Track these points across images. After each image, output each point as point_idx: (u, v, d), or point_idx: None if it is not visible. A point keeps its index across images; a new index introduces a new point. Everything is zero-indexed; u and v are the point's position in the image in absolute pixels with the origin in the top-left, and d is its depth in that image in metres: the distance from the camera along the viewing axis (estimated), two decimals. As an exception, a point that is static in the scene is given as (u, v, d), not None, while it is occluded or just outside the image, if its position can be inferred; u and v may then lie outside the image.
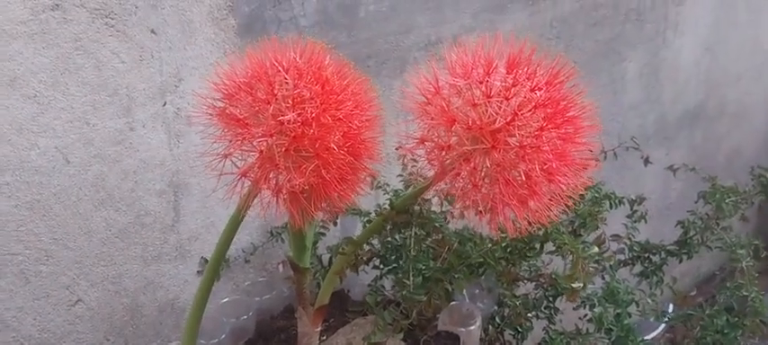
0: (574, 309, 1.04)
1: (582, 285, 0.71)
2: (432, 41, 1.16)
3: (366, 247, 0.87)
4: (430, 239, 0.77)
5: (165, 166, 0.93)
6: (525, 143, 0.58)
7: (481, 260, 0.73)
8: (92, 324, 0.93)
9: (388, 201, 0.87)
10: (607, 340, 0.96)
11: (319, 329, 0.88)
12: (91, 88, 0.84)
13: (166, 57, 0.89)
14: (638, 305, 1.00)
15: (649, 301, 1.00)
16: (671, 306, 1.44)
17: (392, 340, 0.84)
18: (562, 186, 0.62)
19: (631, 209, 1.10)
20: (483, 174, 0.59)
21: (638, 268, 1.09)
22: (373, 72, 1.09)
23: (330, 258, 1.02)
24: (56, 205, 0.85)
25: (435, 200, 0.86)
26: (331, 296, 0.87)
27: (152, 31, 0.87)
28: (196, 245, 1.00)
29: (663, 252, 1.05)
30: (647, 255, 1.08)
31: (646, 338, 0.95)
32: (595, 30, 1.42)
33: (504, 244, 0.75)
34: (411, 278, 0.72)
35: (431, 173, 0.65)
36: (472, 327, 0.87)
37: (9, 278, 0.84)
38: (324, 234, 0.99)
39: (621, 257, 1.12)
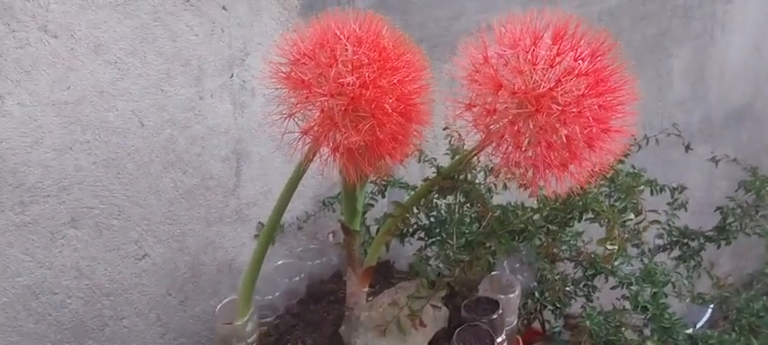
0: (612, 289, 1.08)
1: (616, 248, 0.75)
2: (481, 27, 1.21)
3: (412, 220, 0.92)
4: (473, 207, 0.82)
5: (230, 134, 1.00)
6: (567, 108, 0.62)
7: (522, 226, 0.78)
8: (156, 278, 1.00)
9: (434, 174, 0.92)
10: (643, 319, 1.00)
11: (366, 289, 0.94)
12: (166, 57, 0.91)
13: (235, 32, 0.96)
14: (674, 287, 1.03)
15: (685, 282, 1.03)
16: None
17: (433, 302, 0.89)
18: (601, 152, 0.66)
19: (672, 197, 1.13)
20: (526, 137, 0.64)
21: (675, 252, 1.11)
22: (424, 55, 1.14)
23: (377, 228, 1.08)
24: (129, 164, 0.93)
25: (479, 176, 0.91)
26: (377, 265, 0.92)
27: (223, 8, 0.94)
28: (254, 210, 1.07)
29: (701, 238, 1.07)
30: (685, 241, 1.10)
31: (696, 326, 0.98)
32: (643, 24, 1.45)
33: (544, 213, 0.79)
34: (455, 240, 0.77)
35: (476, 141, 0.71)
36: (511, 295, 0.91)
37: (85, 230, 0.92)
38: (372, 205, 1.05)
39: (660, 242, 1.15)
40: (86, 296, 0.95)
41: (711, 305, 1.14)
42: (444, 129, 0.98)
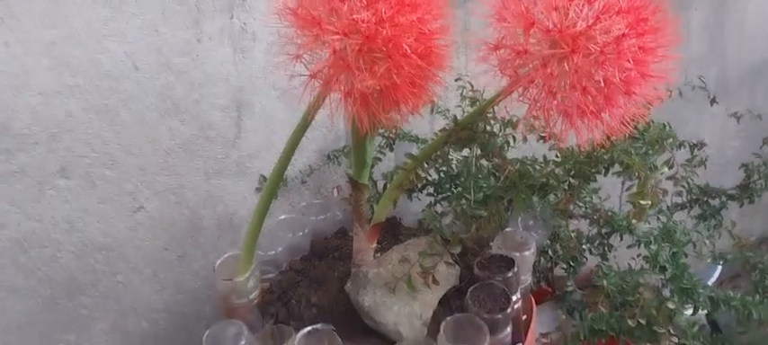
0: (628, 248, 1.03)
1: (649, 203, 0.70)
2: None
3: (421, 174, 0.87)
4: (490, 160, 0.77)
5: (229, 82, 0.94)
6: (605, 49, 0.56)
7: (544, 180, 0.73)
8: (152, 233, 0.95)
9: (447, 125, 0.87)
10: (662, 279, 0.95)
11: (374, 246, 0.89)
12: (161, -5, 0.85)
13: (234, -32, 0.89)
14: (694, 246, 0.99)
15: (706, 242, 0.99)
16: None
17: (445, 260, 0.84)
18: (638, 99, 0.61)
19: (691, 154, 1.08)
20: (559, 81, 0.58)
21: (696, 211, 1.07)
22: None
23: (384, 184, 1.03)
24: (123, 111, 0.87)
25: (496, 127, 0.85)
26: (384, 222, 0.88)
27: (222, -58, 0.87)
28: (256, 163, 1.01)
29: (723, 196, 1.03)
30: (705, 198, 1.06)
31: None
32: (662, -27, 1.38)
33: (567, 166, 0.74)
34: (472, 194, 0.72)
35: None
36: (526, 252, 0.87)
37: (76, 180, 0.86)
38: (380, 159, 1.00)
39: (679, 199, 1.10)
40: (78, 251, 0.90)
41: (720, 264, 1.10)
42: (456, 80, 0.92)
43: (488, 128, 0.74)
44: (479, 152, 0.76)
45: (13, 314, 0.86)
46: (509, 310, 0.77)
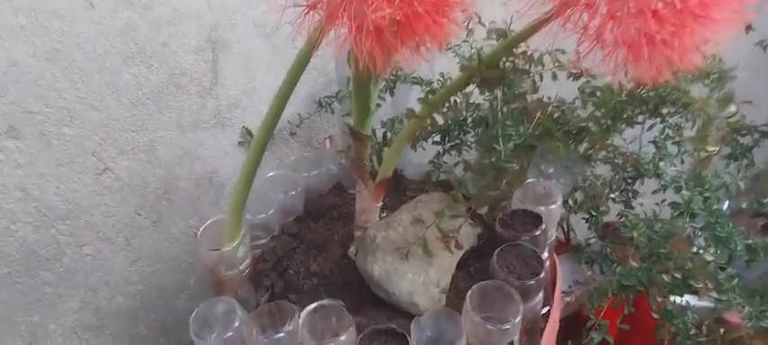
0: (653, 193, 0.94)
1: (717, 149, 0.60)
2: None
3: (439, 121, 0.76)
4: (517, 103, 0.65)
5: (202, 19, 0.80)
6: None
7: (583, 124, 0.62)
8: (121, 196, 0.83)
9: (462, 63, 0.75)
10: (693, 227, 0.86)
11: (380, 205, 0.79)
12: None
13: None
14: (728, 190, 0.90)
15: (740, 185, 0.90)
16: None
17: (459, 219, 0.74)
18: (711, 26, 0.50)
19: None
20: (625, 3, 0.47)
21: (724, 150, 0.97)
22: None
23: (384, 133, 0.91)
24: (79, 56, 0.73)
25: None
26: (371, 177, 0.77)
27: None
28: (236, 113, 0.89)
29: (755, 133, 0.93)
30: (734, 136, 0.96)
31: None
32: None
33: (607, 107, 0.63)
34: (501, 144, 0.61)
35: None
36: (553, 205, 0.77)
37: (28, 140, 0.73)
38: (379, 105, 0.88)
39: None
40: (36, 221, 0.77)
41: (727, 201, 1.01)
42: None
43: (522, 64, 0.63)
44: (507, 94, 0.64)
45: (-37, 297, 0.75)
46: (542, 275, 0.67)
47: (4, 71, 0.69)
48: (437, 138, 0.87)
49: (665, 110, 0.65)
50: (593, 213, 0.89)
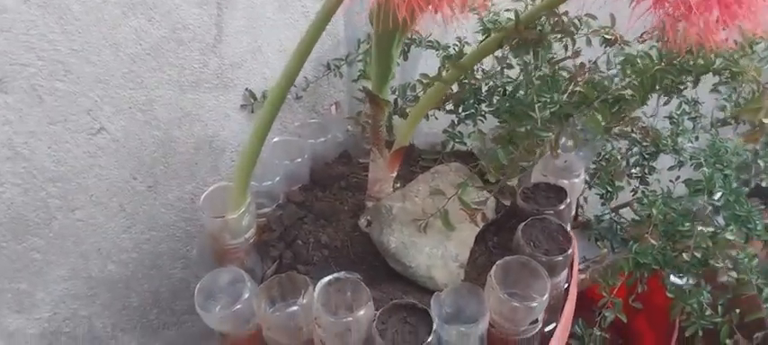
0: (669, 169, 0.91)
1: (769, 121, 0.57)
2: None
3: (469, 85, 0.72)
4: (552, 68, 0.62)
5: (208, -31, 0.75)
6: None
7: (622, 93, 0.58)
8: (116, 159, 0.78)
9: (488, 24, 0.71)
10: (712, 205, 0.84)
11: (394, 174, 0.75)
12: None
13: None
14: (750, 169, 0.88)
15: (760, 163, 0.87)
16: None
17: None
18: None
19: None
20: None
21: (743, 127, 0.95)
22: None
23: (395, 99, 0.87)
24: (75, 5, 0.67)
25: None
26: (386, 146, 0.73)
27: None
28: (240, 73, 0.84)
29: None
30: (752, 114, 0.93)
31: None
32: None
33: (648, 76, 0.59)
34: (537, 112, 0.57)
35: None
36: (576, 179, 0.74)
37: (18, 95, 0.67)
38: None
39: (721, 114, 0.98)
40: (25, 183, 0.72)
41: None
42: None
43: (562, 26, 0.59)
44: (542, 58, 0.60)
45: (-55, 262, 0.69)
46: (570, 250, 0.64)
47: (-8, 17, 0.63)
48: (450, 107, 0.83)
49: (714, 79, 0.62)
50: (610, 189, 0.86)
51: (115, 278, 0.85)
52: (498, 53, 0.63)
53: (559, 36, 0.60)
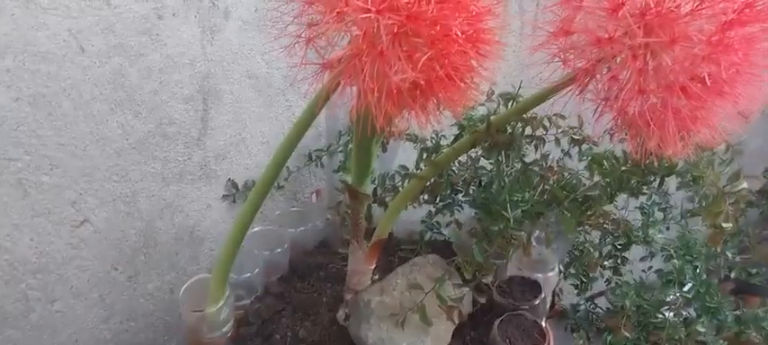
0: (640, 260, 0.94)
1: (730, 225, 0.59)
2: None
3: (447, 181, 0.75)
4: (523, 168, 0.64)
5: (195, 67, 0.78)
6: (714, 38, 0.45)
7: (591, 193, 0.61)
8: (98, 250, 0.79)
9: (464, 124, 0.74)
10: (682, 296, 0.86)
11: (373, 266, 0.76)
12: (114, -41, 0.68)
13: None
14: (716, 259, 0.90)
15: (728, 255, 0.90)
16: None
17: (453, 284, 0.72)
18: (736, 100, 0.49)
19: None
20: (654, 77, 0.46)
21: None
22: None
23: (374, 189, 0.89)
24: (65, 102, 0.70)
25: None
26: (368, 234, 0.75)
27: None
28: (223, 165, 0.86)
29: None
30: (743, 212, 0.97)
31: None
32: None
33: (614, 177, 0.62)
34: (509, 211, 0.59)
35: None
36: (551, 273, 0.76)
37: (4, 189, 0.69)
38: (370, 162, 0.86)
39: (691, 205, 1.01)
40: (6, 275, 0.72)
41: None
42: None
43: (530, 131, 0.62)
44: (512, 158, 0.63)
45: None
46: (545, 346, 0.65)
47: (-17, 115, 0.65)
48: (427, 198, 0.85)
49: (679, 182, 0.65)
50: (584, 279, 0.88)
51: (91, 369, 0.84)
52: (471, 153, 0.66)
53: (530, 139, 0.63)
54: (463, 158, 0.82)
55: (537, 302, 0.70)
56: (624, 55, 0.46)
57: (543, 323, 0.71)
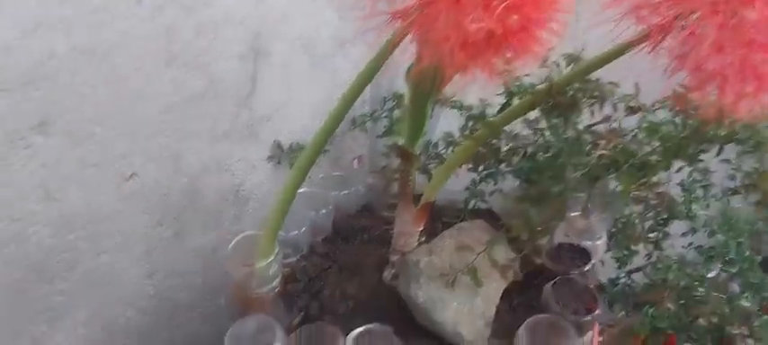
0: (681, 235, 0.93)
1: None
2: None
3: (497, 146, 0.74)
4: (589, 128, 0.64)
5: (247, 25, 0.78)
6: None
7: (650, 159, 0.61)
8: (145, 205, 0.79)
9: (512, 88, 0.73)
10: (725, 272, 0.86)
11: (420, 229, 0.76)
12: None
13: None
14: (759, 236, 0.90)
15: (772, 232, 0.89)
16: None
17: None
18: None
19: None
20: (733, 34, 0.46)
21: (755, 196, 0.97)
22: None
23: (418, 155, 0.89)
24: (120, 54, 0.70)
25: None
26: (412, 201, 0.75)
27: None
28: (268, 126, 0.86)
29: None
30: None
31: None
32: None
33: (672, 142, 0.62)
34: (569, 173, 0.59)
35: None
36: (599, 241, 0.75)
37: (57, 138, 0.69)
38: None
39: (731, 183, 1.01)
40: (56, 225, 0.72)
41: None
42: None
43: (592, 92, 0.61)
44: (571, 121, 0.63)
45: (-29, 301, 0.69)
46: (598, 310, 0.65)
47: (42, 62, 0.65)
48: (470, 166, 0.85)
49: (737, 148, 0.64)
50: (626, 252, 0.87)
51: (132, 325, 0.85)
52: (529, 116, 0.66)
53: (592, 101, 0.62)
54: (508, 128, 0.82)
55: (587, 268, 0.70)
56: (703, 10, 0.46)
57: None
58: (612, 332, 0.91)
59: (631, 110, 0.68)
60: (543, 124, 0.70)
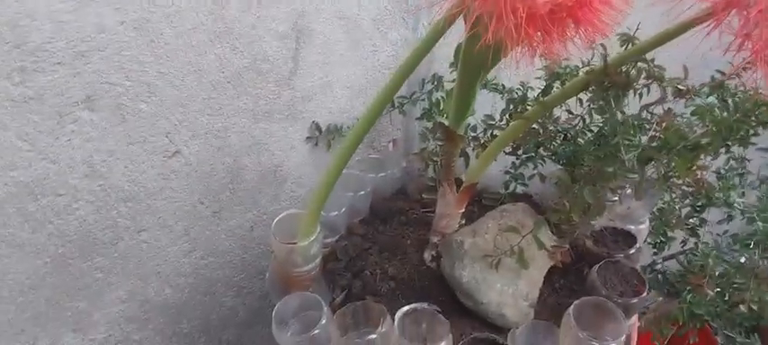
0: (717, 223, 0.93)
1: None
2: None
3: (550, 127, 0.74)
4: (646, 109, 0.64)
5: (291, 3, 0.77)
6: None
7: (703, 140, 0.60)
8: (187, 182, 0.79)
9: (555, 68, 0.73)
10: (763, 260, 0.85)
11: (462, 210, 0.76)
12: None
13: None
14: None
15: (810, 222, 0.89)
16: None
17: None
18: None
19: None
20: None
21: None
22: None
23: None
24: (167, 29, 0.70)
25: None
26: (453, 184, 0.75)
27: None
28: (309, 107, 0.86)
29: None
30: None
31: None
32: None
33: (723, 124, 0.61)
34: (624, 153, 0.59)
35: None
36: (642, 226, 0.75)
37: (103, 113, 0.69)
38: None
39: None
40: (99, 201, 0.73)
41: None
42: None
43: (648, 72, 0.61)
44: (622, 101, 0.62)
45: (15, 275, 0.69)
46: (645, 293, 0.65)
47: (91, 36, 0.65)
48: (508, 150, 0.85)
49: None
50: (663, 238, 0.87)
51: (170, 302, 0.85)
52: (582, 96, 0.65)
53: (647, 82, 0.62)
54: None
55: (632, 251, 0.70)
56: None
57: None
58: (649, 317, 0.91)
59: (679, 93, 0.68)
60: (579, 110, 0.70)
